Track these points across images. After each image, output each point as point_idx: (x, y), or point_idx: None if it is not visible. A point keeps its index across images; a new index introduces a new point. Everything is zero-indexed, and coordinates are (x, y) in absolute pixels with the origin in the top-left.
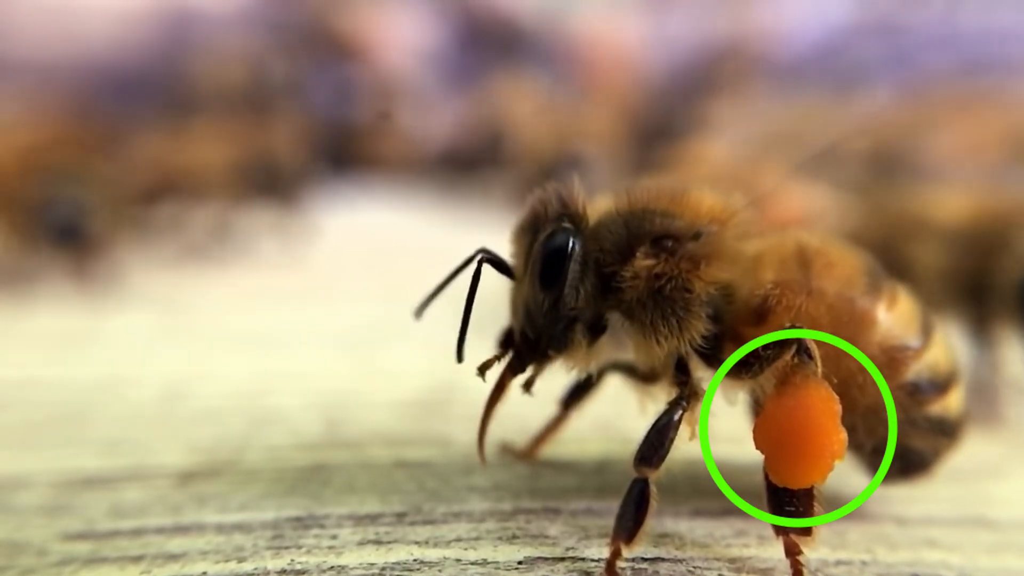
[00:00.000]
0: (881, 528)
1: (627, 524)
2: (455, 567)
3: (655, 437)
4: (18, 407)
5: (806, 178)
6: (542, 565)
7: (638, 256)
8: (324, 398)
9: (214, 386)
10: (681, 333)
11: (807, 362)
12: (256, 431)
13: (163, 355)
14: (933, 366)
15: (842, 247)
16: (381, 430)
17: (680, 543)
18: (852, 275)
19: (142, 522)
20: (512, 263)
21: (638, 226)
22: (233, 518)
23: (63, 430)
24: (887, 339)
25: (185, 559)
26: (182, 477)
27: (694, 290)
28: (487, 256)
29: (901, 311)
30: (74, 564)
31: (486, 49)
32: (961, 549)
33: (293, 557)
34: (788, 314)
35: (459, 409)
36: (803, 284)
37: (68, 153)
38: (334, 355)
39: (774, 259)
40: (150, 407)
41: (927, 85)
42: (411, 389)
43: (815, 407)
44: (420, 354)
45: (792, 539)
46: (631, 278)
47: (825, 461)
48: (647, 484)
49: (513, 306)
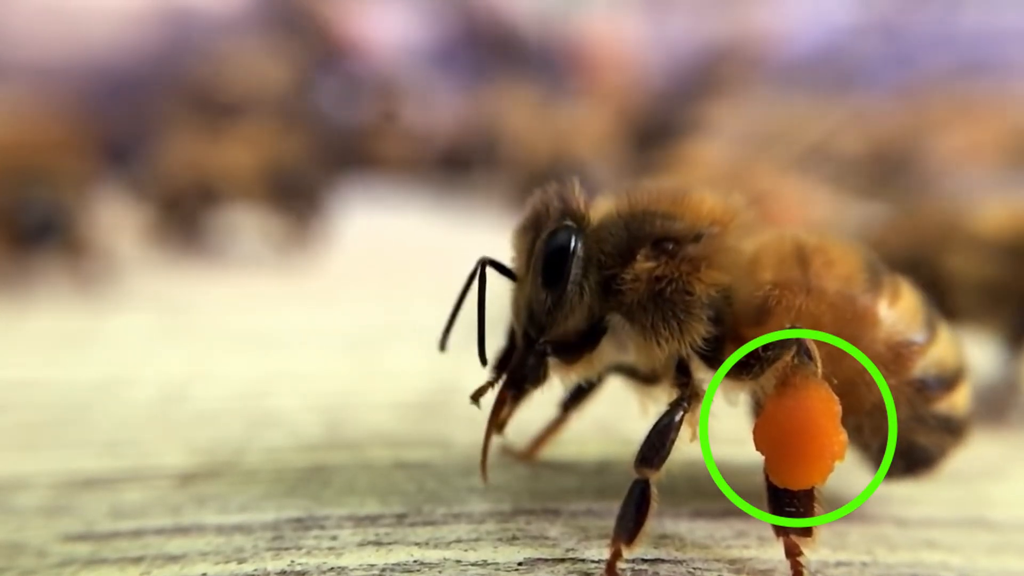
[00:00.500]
0: (881, 529)
1: (628, 525)
2: (455, 568)
3: (656, 438)
4: (18, 408)
5: (803, 178)
6: (542, 566)
7: (639, 258)
8: (324, 399)
9: (214, 387)
10: (682, 335)
11: (807, 363)
12: (256, 432)
13: (163, 356)
14: (940, 362)
15: (840, 244)
16: (381, 431)
17: (680, 544)
18: (852, 272)
19: (142, 523)
20: (513, 264)
21: (639, 228)
22: (233, 519)
23: (63, 431)
24: (891, 335)
25: (185, 560)
26: (182, 478)
27: (695, 292)
28: (488, 261)
29: (904, 306)
30: (74, 565)
31: (484, 49)
32: (961, 550)
33: (293, 558)
34: (788, 314)
35: (459, 410)
36: (802, 283)
37: (46, 155)
38: (334, 356)
39: (772, 258)
40: (150, 408)
41: (927, 86)
42: (411, 390)
43: (815, 408)
44: (420, 355)
45: (792, 540)
46: (632, 280)
47: (825, 462)
48: (648, 485)
49: (515, 307)
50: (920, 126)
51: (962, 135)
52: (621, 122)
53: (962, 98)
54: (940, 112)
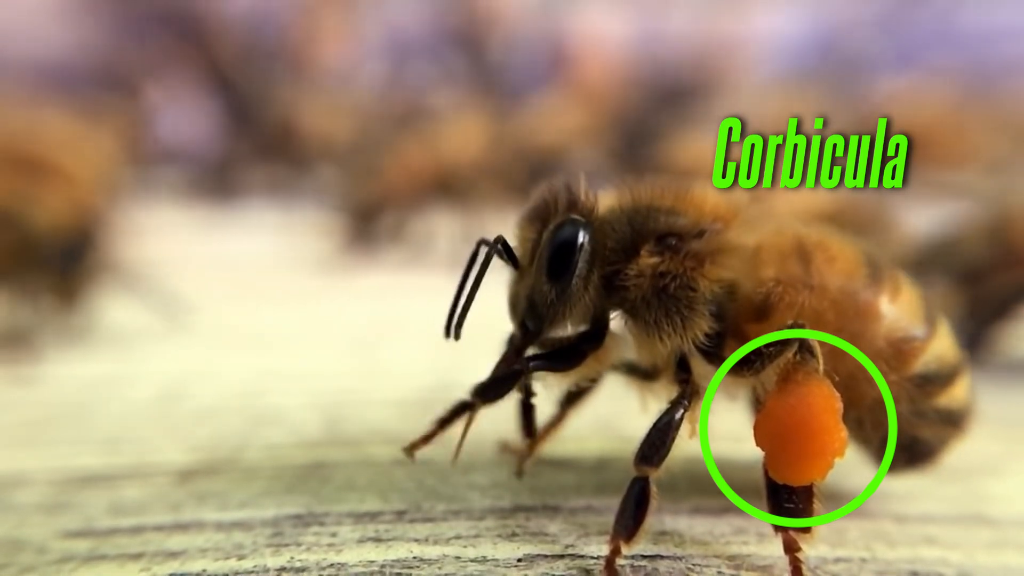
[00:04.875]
0: (880, 525)
1: (627, 522)
2: (454, 564)
3: (656, 436)
4: (18, 406)
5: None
6: (541, 562)
7: (643, 254)
8: (324, 397)
9: (214, 384)
10: (685, 331)
11: (809, 359)
12: (256, 429)
13: (163, 353)
14: (940, 356)
15: (840, 239)
16: (380, 428)
17: (679, 541)
18: (853, 268)
19: (142, 520)
20: (516, 252)
21: (642, 224)
22: (233, 516)
23: (63, 428)
24: (893, 331)
25: (185, 556)
26: (182, 475)
27: (698, 288)
28: (498, 240)
29: (905, 301)
30: (74, 562)
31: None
32: (960, 546)
33: (293, 555)
34: (791, 310)
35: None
36: (805, 280)
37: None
38: (334, 354)
39: (774, 254)
40: (150, 405)
41: (926, 84)
42: (411, 388)
43: (816, 404)
44: (420, 352)
45: (791, 536)
46: (636, 276)
47: (826, 459)
48: (648, 482)
49: (513, 297)
50: (918, 124)
51: (960, 133)
52: (601, 117)
53: (961, 96)
54: (938, 110)
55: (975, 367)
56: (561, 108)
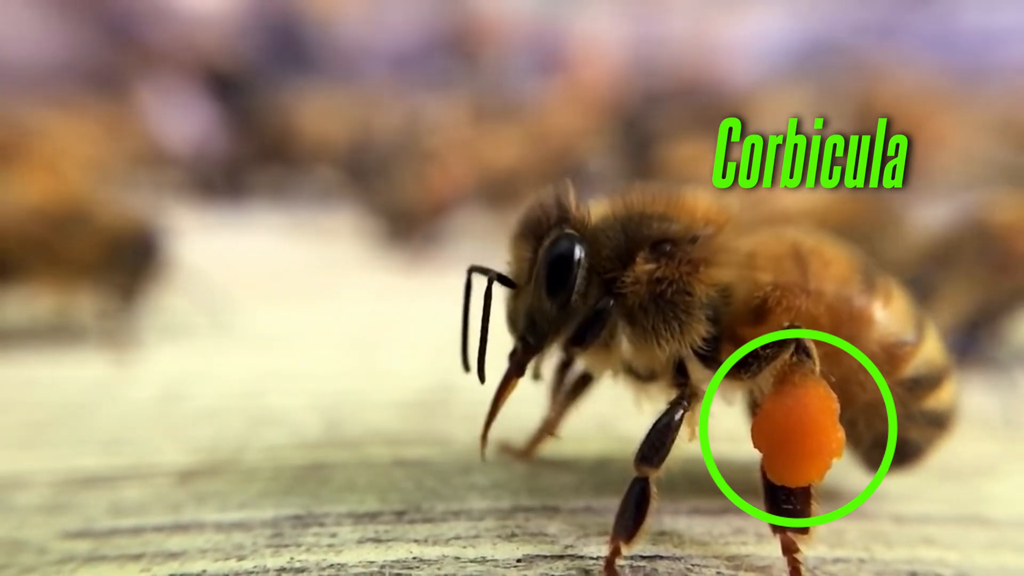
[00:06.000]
0: (878, 526)
1: (627, 523)
2: (454, 565)
3: (656, 437)
4: (18, 407)
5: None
6: (541, 563)
7: (638, 261)
8: (323, 398)
9: (214, 385)
10: (682, 336)
11: (806, 361)
12: (255, 430)
13: (163, 354)
14: (929, 360)
15: (834, 244)
16: (380, 429)
17: (678, 541)
18: (848, 274)
19: (142, 520)
20: (509, 270)
21: (636, 231)
22: (233, 516)
23: (63, 429)
24: (885, 336)
25: (184, 557)
26: (182, 476)
27: (695, 293)
28: (478, 269)
29: (896, 307)
30: (74, 562)
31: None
32: (958, 547)
33: (292, 555)
34: (788, 315)
35: (458, 409)
36: (802, 285)
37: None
38: (334, 355)
39: (770, 259)
40: (150, 406)
41: (926, 84)
42: (410, 389)
43: (814, 405)
44: (419, 354)
45: (789, 537)
46: (632, 283)
47: (823, 459)
48: (647, 483)
49: (512, 313)
50: (915, 124)
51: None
52: (598, 119)
53: (959, 96)
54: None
55: (974, 369)
56: (560, 110)
